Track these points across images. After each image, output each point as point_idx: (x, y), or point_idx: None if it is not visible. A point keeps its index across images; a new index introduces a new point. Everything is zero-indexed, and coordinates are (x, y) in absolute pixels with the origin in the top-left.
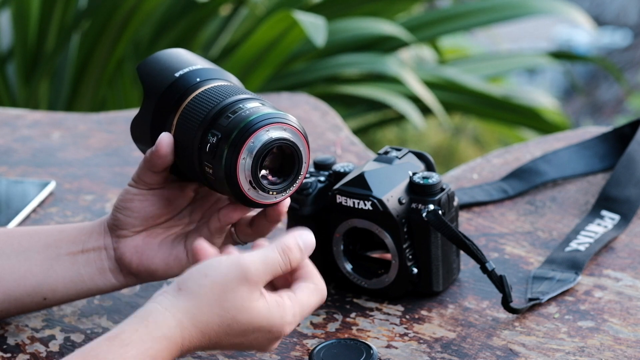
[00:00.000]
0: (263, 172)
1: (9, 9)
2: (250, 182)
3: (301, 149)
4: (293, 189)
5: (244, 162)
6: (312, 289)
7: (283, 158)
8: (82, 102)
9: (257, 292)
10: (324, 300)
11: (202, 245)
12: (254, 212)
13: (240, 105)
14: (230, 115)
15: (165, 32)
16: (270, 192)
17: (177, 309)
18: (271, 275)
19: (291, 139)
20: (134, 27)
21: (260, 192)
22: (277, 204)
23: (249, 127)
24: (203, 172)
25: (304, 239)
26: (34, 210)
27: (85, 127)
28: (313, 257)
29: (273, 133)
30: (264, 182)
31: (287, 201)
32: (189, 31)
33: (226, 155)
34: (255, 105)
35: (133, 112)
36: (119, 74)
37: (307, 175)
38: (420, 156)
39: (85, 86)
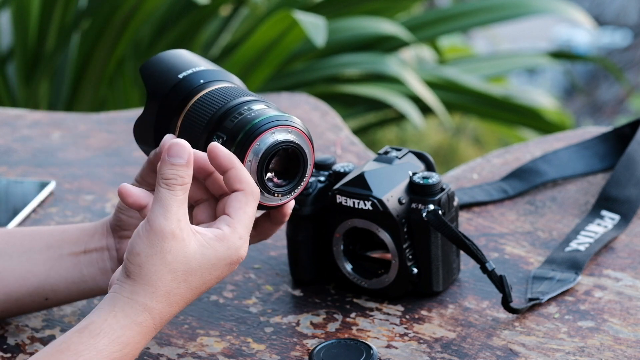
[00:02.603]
0: (269, 174)
1: (9, 9)
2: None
3: (306, 151)
4: (298, 191)
5: (250, 164)
6: (243, 199)
7: (288, 160)
8: (82, 102)
9: (184, 235)
10: (257, 198)
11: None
12: (257, 214)
13: (246, 108)
14: (235, 117)
15: (165, 32)
16: (276, 195)
17: (136, 294)
18: (178, 211)
19: (296, 142)
20: (134, 27)
21: (265, 194)
22: (281, 205)
23: (255, 130)
24: None
25: (169, 153)
26: (34, 210)
27: (85, 127)
28: (313, 257)
29: (278, 135)
30: (270, 184)
31: (292, 203)
32: (189, 31)
33: None
34: (260, 108)
35: (133, 112)
36: (119, 74)
37: None
38: (420, 156)
39: (85, 86)
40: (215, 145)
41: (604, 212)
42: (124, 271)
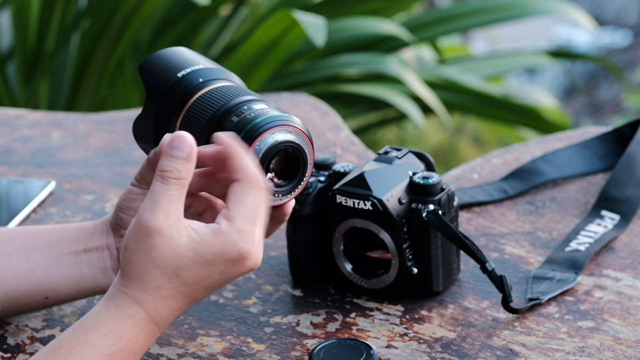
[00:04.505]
0: (269, 175)
1: (9, 9)
2: None
3: (306, 151)
4: (298, 191)
5: None
6: (240, 189)
7: (288, 160)
8: (82, 102)
9: (173, 232)
10: (261, 188)
11: (221, 136)
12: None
13: (246, 107)
14: (235, 117)
15: (165, 32)
16: (276, 195)
17: (126, 287)
18: (168, 207)
19: (296, 142)
20: (134, 27)
21: None
22: (282, 205)
23: (255, 130)
24: None
25: (170, 144)
26: (34, 210)
27: (85, 127)
28: (313, 257)
29: (278, 136)
30: (270, 184)
31: (292, 202)
32: (189, 31)
33: None
34: (260, 107)
35: (133, 112)
36: (119, 74)
37: None
38: (420, 156)
39: (85, 86)
40: (218, 134)
41: (604, 212)
42: (120, 266)
